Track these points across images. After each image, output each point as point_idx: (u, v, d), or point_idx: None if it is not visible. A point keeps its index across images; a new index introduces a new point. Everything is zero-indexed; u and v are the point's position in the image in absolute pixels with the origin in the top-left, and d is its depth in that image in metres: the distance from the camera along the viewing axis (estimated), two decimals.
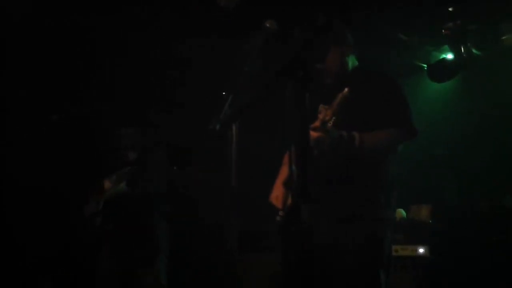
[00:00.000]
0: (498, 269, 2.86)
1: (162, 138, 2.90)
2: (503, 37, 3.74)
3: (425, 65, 4.18)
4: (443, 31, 3.63)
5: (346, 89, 1.60)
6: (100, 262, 2.65)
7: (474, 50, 3.81)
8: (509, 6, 3.44)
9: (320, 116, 1.66)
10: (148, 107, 3.63)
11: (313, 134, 1.63)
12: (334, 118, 1.67)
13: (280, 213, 1.87)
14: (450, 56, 3.89)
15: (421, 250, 2.97)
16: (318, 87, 1.87)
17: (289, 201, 1.75)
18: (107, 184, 2.68)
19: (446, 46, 3.88)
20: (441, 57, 4.00)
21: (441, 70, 3.95)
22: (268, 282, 3.08)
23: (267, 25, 1.71)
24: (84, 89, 3.63)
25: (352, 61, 1.95)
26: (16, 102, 3.40)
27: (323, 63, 1.85)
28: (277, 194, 1.94)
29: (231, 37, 3.22)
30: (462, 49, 3.71)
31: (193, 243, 3.06)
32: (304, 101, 1.09)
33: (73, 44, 3.39)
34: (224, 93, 1.61)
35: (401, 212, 3.48)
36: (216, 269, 3.54)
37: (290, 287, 1.56)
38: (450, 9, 3.46)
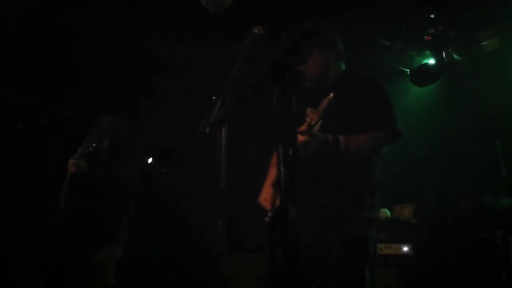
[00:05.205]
0: (478, 265, 2.94)
1: (142, 134, 2.87)
2: (482, 43, 3.88)
3: (408, 70, 4.28)
4: (425, 37, 3.73)
5: (331, 94, 1.65)
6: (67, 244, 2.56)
7: (454, 56, 3.92)
8: (487, 13, 3.57)
9: (307, 120, 1.70)
10: (136, 109, 3.61)
11: (300, 137, 1.67)
12: (320, 122, 1.71)
13: (269, 214, 1.91)
14: (431, 61, 3.99)
15: (405, 248, 3.04)
16: (306, 91, 1.91)
17: (278, 202, 1.78)
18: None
19: (427, 52, 3.99)
20: (423, 62, 4.11)
21: (423, 75, 4.05)
22: (256, 282, 3.10)
23: (255, 30, 1.75)
24: (72, 92, 3.61)
25: (340, 67, 1.98)
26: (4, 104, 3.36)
27: (304, 66, 1.87)
28: (265, 196, 1.98)
29: (220, 42, 3.25)
30: (443, 54, 3.82)
31: (182, 244, 3.06)
32: (291, 104, 1.11)
33: (60, 45, 3.36)
34: (213, 97, 1.64)
35: (385, 212, 3.55)
36: (205, 269, 3.55)
37: (278, 287, 1.59)
38: (432, 16, 3.57)
